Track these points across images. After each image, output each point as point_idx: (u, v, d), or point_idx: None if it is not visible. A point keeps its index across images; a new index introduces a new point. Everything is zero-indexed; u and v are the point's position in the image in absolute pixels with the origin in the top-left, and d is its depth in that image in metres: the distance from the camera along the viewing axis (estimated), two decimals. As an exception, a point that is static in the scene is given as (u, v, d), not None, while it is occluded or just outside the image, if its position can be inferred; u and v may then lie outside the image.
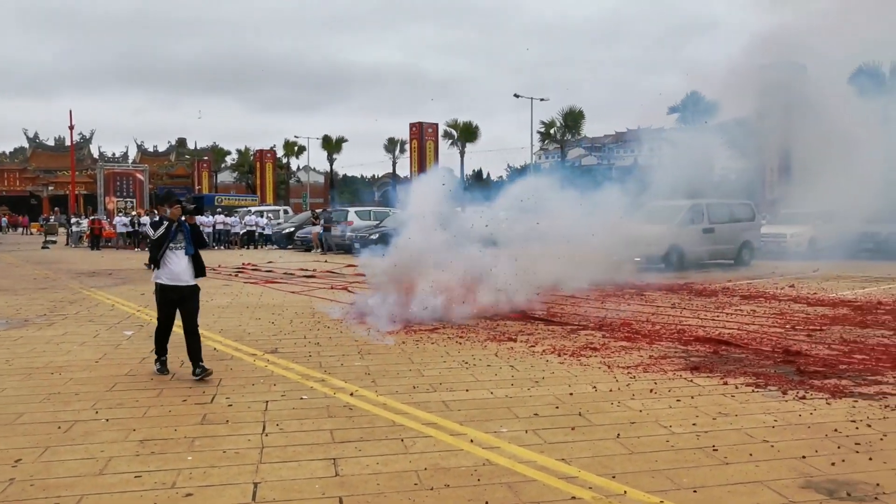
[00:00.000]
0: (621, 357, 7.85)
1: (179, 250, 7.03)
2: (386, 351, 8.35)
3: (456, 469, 4.55)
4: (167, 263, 7.02)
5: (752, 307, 11.69)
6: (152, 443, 5.10)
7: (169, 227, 7.00)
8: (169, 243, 6.99)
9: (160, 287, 7.11)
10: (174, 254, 7.01)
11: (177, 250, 7.02)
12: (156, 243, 7.07)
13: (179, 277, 7.03)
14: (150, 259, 7.21)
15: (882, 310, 11.21)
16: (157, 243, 7.05)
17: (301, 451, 4.93)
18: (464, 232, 11.77)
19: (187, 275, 7.08)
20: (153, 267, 7.20)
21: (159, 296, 7.17)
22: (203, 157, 71.39)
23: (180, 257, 7.03)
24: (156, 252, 7.06)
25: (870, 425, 5.36)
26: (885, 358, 7.62)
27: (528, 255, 12.12)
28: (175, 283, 7.03)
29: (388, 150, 68.52)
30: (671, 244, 18.43)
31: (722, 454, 4.77)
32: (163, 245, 6.99)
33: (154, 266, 7.15)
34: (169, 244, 6.99)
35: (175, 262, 7.02)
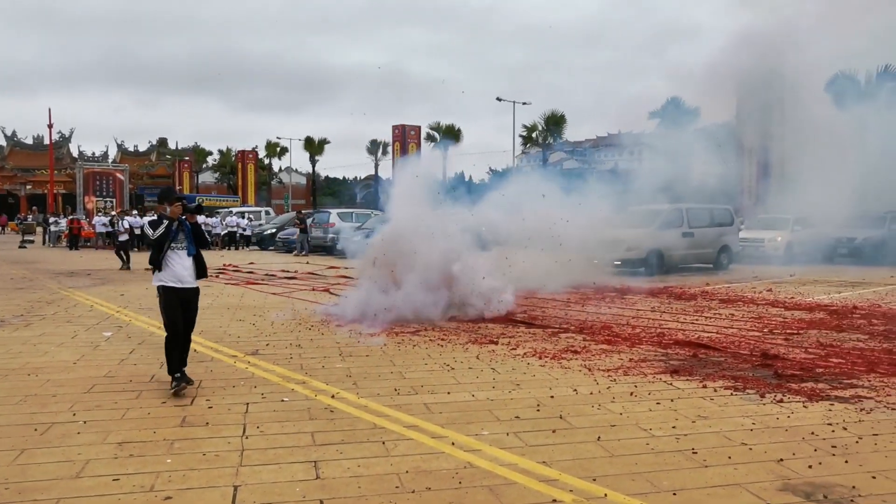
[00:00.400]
0: (602, 360, 7.89)
1: (181, 250, 6.67)
2: (368, 353, 8.34)
3: (437, 472, 4.55)
4: (170, 264, 6.63)
5: (731, 311, 11.79)
6: (131, 445, 5.05)
7: (169, 227, 6.61)
8: (170, 243, 6.62)
9: (165, 289, 6.63)
10: (176, 254, 6.65)
11: (179, 250, 6.66)
12: (156, 244, 6.63)
13: (184, 279, 6.66)
14: (151, 260, 6.73)
15: (857, 314, 11.36)
16: (157, 244, 6.62)
17: (282, 453, 4.91)
18: (446, 231, 11.75)
19: (190, 276, 6.71)
20: (153, 269, 6.75)
21: (165, 299, 6.65)
22: (184, 157, 70.85)
23: (183, 258, 6.67)
24: (157, 253, 6.63)
25: (846, 428, 5.43)
26: (861, 362, 7.72)
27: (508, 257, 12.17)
28: (179, 285, 6.64)
29: (371, 152, 68.38)
30: (651, 248, 18.55)
31: (701, 457, 4.81)
32: (164, 245, 6.60)
33: (155, 268, 6.71)
34: (170, 244, 6.62)
35: (178, 262, 6.64)
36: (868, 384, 6.77)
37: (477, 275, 11.06)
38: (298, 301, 13.18)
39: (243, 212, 38.16)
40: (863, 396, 6.33)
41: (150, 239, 6.73)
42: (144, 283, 16.43)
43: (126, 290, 15.20)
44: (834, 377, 7.05)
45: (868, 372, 7.25)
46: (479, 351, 8.43)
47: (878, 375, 7.11)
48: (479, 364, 7.73)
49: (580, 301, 12.93)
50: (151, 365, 7.69)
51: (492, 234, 13.15)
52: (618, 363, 7.72)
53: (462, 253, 11.26)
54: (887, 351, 8.35)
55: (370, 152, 68.56)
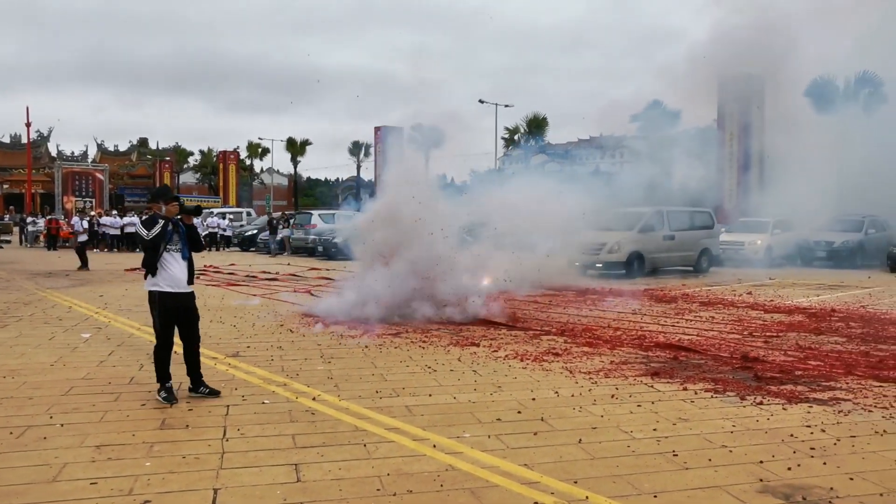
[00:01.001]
0: (583, 362, 7.91)
1: (177, 253, 6.30)
2: (349, 355, 8.31)
3: (419, 474, 4.54)
4: (166, 268, 6.24)
5: (711, 314, 11.88)
6: (109, 448, 5.00)
7: (165, 227, 6.23)
8: (166, 245, 6.25)
9: (161, 295, 6.25)
10: (172, 256, 6.27)
11: (174, 252, 6.29)
12: (152, 245, 6.22)
13: (179, 283, 6.30)
14: (145, 263, 6.33)
15: (835, 317, 11.48)
16: (153, 245, 6.22)
17: (262, 456, 4.88)
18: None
19: (185, 280, 6.35)
20: (146, 273, 6.35)
21: (161, 306, 6.27)
22: (165, 157, 70.32)
23: (178, 261, 6.30)
24: (153, 255, 6.23)
25: (824, 430, 5.48)
26: (839, 364, 7.80)
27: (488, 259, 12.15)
28: (176, 290, 6.29)
29: (353, 153, 68.25)
30: (632, 250, 18.66)
31: (682, 459, 4.83)
32: (159, 247, 6.24)
33: (149, 272, 6.31)
34: (165, 246, 6.25)
35: (174, 265, 6.27)
36: (846, 386, 6.84)
37: (461, 274, 11.05)
38: (280, 303, 13.10)
39: (224, 212, 37.93)
40: (841, 398, 6.39)
41: (144, 240, 6.28)
42: (124, 285, 16.29)
43: (105, 291, 15.05)
44: (812, 379, 7.12)
45: (846, 374, 7.33)
46: (460, 353, 8.43)
47: (855, 378, 7.18)
48: (461, 366, 7.73)
49: (561, 303, 12.96)
50: (131, 367, 7.61)
51: (474, 233, 13.14)
52: (599, 365, 7.75)
53: (451, 248, 11.24)
54: (864, 353, 8.44)
55: (352, 153, 68.47)
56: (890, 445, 5.15)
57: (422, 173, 12.22)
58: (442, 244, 11.13)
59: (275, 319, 11.00)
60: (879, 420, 5.76)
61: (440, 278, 10.93)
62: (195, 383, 6.48)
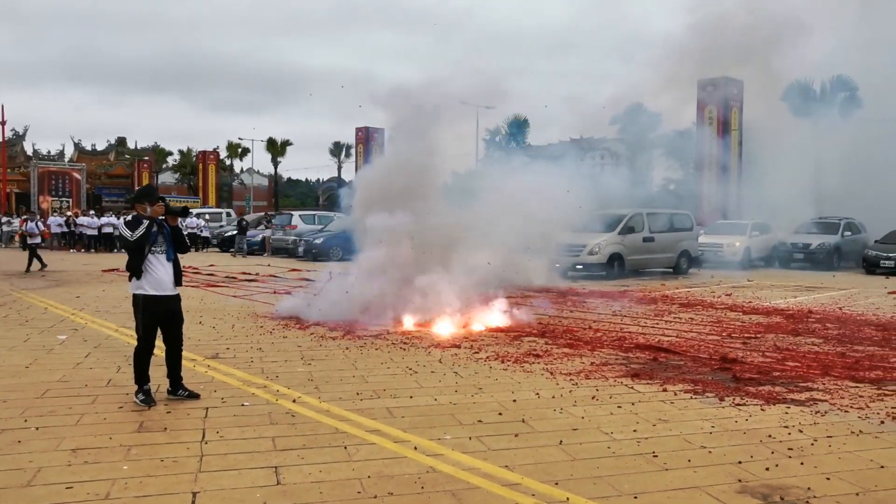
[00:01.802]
0: (564, 364, 7.93)
1: (161, 255, 6.19)
2: (329, 356, 8.27)
3: (400, 476, 4.53)
4: (150, 270, 6.13)
5: (691, 315, 11.97)
6: (85, 452, 4.93)
7: (149, 228, 6.11)
8: (150, 247, 6.13)
9: (145, 299, 6.15)
10: (157, 258, 6.17)
11: (158, 254, 6.18)
12: (136, 247, 6.10)
13: (165, 286, 6.21)
14: (129, 266, 6.19)
15: (812, 318, 11.61)
16: (137, 247, 6.10)
17: (242, 458, 4.84)
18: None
19: (171, 283, 6.28)
20: (130, 275, 6.23)
21: (143, 309, 6.17)
22: (143, 157, 69.68)
23: (163, 263, 6.20)
24: (137, 258, 6.11)
25: (801, 431, 5.53)
26: (816, 365, 7.89)
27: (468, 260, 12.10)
28: (161, 293, 6.20)
29: (334, 154, 68.06)
30: (612, 252, 18.76)
31: (662, 460, 4.86)
32: (144, 249, 6.12)
33: (133, 275, 6.19)
34: (150, 248, 6.13)
35: (159, 268, 6.16)
36: (822, 387, 6.91)
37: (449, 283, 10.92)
38: (260, 304, 13.02)
39: (204, 213, 37.66)
40: (818, 399, 6.46)
41: (128, 241, 6.13)
42: (101, 286, 16.12)
43: (82, 292, 14.88)
44: (790, 380, 7.19)
45: (823, 375, 7.41)
46: (441, 354, 8.42)
47: (832, 378, 7.26)
48: (442, 368, 7.72)
49: (542, 305, 12.98)
50: (108, 369, 7.52)
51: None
52: (579, 367, 7.77)
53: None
54: (840, 354, 8.54)
55: (333, 154, 68.29)
56: (865, 445, 5.21)
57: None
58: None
59: (254, 321, 10.93)
60: (855, 420, 5.82)
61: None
62: (174, 386, 6.41)
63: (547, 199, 13.23)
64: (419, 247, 11.00)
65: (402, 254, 10.94)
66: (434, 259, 11.01)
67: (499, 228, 12.32)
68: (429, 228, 11.03)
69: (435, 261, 11.00)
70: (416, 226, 10.97)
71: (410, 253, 10.97)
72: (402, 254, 10.94)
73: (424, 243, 11.01)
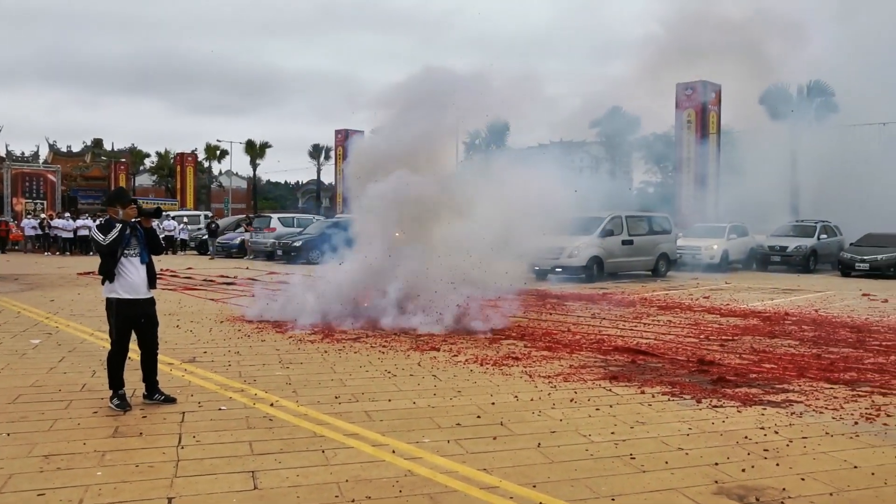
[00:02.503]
0: (542, 366, 7.95)
1: (135, 258, 6.11)
2: (308, 360, 8.23)
3: (378, 480, 4.51)
4: (123, 273, 6.04)
5: (669, 317, 12.04)
6: (58, 458, 4.86)
7: (122, 231, 6.01)
8: (123, 250, 6.04)
9: (119, 302, 6.06)
10: (130, 262, 6.08)
11: (132, 257, 6.10)
12: (108, 251, 6.00)
13: (138, 289, 6.12)
14: (102, 270, 6.09)
15: (789, 320, 11.73)
16: (109, 251, 6.00)
17: (218, 463, 4.79)
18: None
19: (145, 286, 6.19)
20: (103, 279, 6.12)
21: (117, 313, 6.08)
22: (120, 158, 68.97)
23: (137, 266, 6.11)
24: (110, 261, 6.01)
25: (777, 432, 5.58)
26: (792, 367, 7.97)
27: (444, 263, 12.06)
28: (135, 297, 6.10)
29: (313, 156, 67.80)
30: (591, 255, 18.84)
31: (639, 462, 4.88)
32: (117, 252, 6.03)
33: (106, 278, 6.09)
34: (123, 251, 6.05)
35: (132, 271, 6.08)
36: (798, 389, 6.98)
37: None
38: (237, 307, 12.92)
39: (182, 215, 37.36)
40: (793, 401, 6.52)
41: (100, 245, 6.03)
42: (76, 289, 15.93)
43: (57, 295, 14.69)
44: (766, 382, 7.25)
45: (798, 377, 7.48)
46: (420, 358, 8.40)
47: (807, 380, 7.34)
48: (421, 371, 7.70)
49: (521, 307, 12.99)
50: (82, 373, 7.43)
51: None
52: (558, 369, 7.79)
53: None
54: (816, 356, 8.63)
55: (312, 157, 68.03)
56: (840, 446, 5.26)
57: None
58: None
59: (232, 324, 10.85)
60: (830, 421, 5.89)
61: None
62: (150, 390, 6.34)
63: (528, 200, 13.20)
64: (406, 225, 10.88)
65: (383, 245, 10.85)
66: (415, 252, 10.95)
67: (478, 229, 12.26)
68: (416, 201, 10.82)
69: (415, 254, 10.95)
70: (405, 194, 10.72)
71: (393, 242, 10.90)
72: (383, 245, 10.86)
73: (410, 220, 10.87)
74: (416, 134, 11.27)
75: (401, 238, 11.19)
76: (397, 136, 11.48)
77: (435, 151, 11.62)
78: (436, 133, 11.42)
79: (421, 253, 10.91)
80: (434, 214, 11.17)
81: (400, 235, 11.30)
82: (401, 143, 11.31)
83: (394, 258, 10.89)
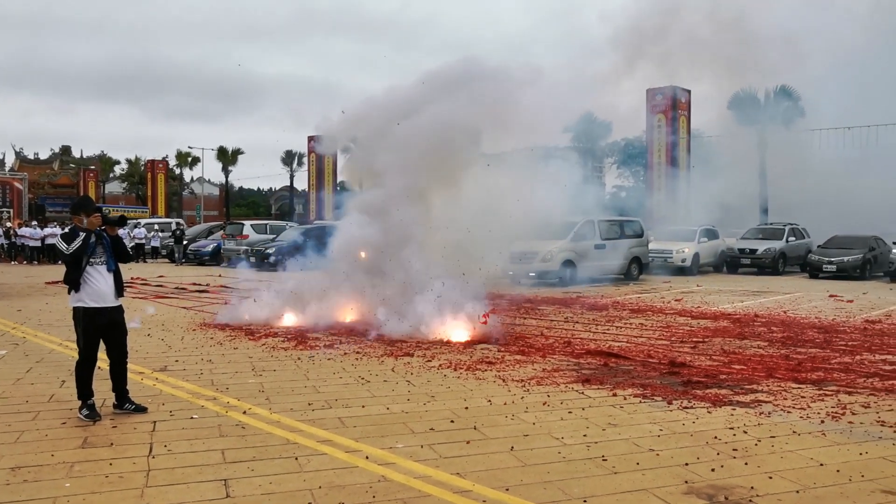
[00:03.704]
0: (516, 370, 7.99)
1: (101, 266, 6.06)
2: (281, 367, 8.19)
3: (351, 486, 4.50)
4: (90, 282, 6.00)
5: (641, 320, 12.15)
6: (25, 470, 4.79)
7: (86, 239, 5.97)
8: (88, 258, 6.00)
9: (85, 311, 6.02)
10: (96, 270, 6.03)
11: (98, 266, 6.05)
12: (73, 259, 5.96)
13: (105, 298, 6.07)
14: (67, 279, 6.06)
15: (758, 322, 11.90)
16: (74, 259, 5.96)
17: (190, 472, 4.76)
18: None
19: (112, 294, 6.13)
20: (69, 289, 6.08)
21: (84, 322, 6.04)
22: (90, 166, 68.07)
23: (103, 274, 6.06)
24: (75, 270, 5.97)
25: (746, 432, 5.66)
26: (761, 367, 8.09)
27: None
28: (102, 305, 6.05)
29: (286, 162, 67.35)
30: (564, 259, 18.95)
31: (611, 464, 4.92)
32: (81, 261, 5.98)
33: (72, 288, 6.05)
34: (88, 259, 6.00)
35: (99, 279, 6.03)
36: (767, 389, 7.09)
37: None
38: (210, 315, 12.82)
39: (153, 223, 36.96)
40: (762, 401, 6.62)
41: (64, 254, 6.00)
42: (44, 298, 15.69)
43: (24, 305, 14.46)
44: (736, 383, 7.36)
45: (767, 377, 7.60)
46: (394, 363, 8.40)
47: (776, 380, 7.46)
48: (395, 376, 7.70)
49: (495, 312, 13.02)
50: (51, 384, 7.32)
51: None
52: (531, 373, 7.83)
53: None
54: (784, 357, 8.77)
55: (285, 163, 67.54)
56: (806, 445, 5.36)
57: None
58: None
59: (204, 333, 10.76)
60: (797, 420, 5.99)
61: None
62: (121, 399, 6.27)
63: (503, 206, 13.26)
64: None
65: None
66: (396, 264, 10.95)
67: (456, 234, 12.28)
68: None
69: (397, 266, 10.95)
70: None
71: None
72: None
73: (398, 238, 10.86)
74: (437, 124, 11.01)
75: (365, 258, 11.21)
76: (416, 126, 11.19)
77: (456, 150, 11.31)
78: (457, 125, 11.12)
79: (398, 262, 10.93)
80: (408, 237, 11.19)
81: (365, 256, 11.33)
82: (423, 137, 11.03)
83: (370, 266, 10.91)
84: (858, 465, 4.91)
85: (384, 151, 11.38)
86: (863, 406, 6.46)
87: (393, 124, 11.26)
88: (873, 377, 7.65)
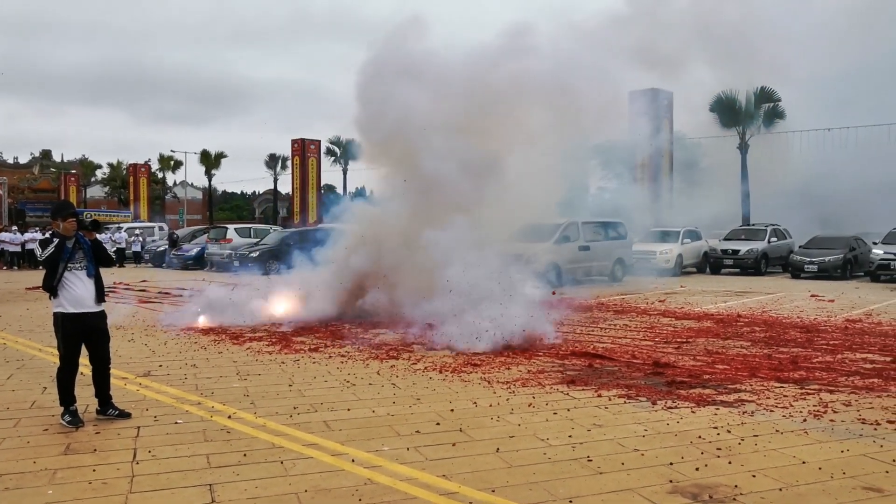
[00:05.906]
0: (501, 372, 8.00)
1: (80, 271, 6.01)
2: (266, 371, 8.16)
3: (337, 489, 4.50)
4: (69, 287, 5.96)
5: (625, 321, 12.21)
6: (7, 478, 4.74)
7: (61, 245, 5.92)
8: (67, 264, 5.96)
9: (64, 317, 5.98)
10: (75, 275, 5.99)
11: (77, 271, 6.00)
12: (48, 265, 5.94)
13: (85, 303, 6.02)
14: (45, 285, 6.01)
15: (741, 322, 11.99)
16: (50, 265, 5.94)
17: (175, 477, 4.73)
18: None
19: (92, 299, 6.08)
20: (50, 295, 6.05)
21: (64, 328, 6.00)
22: (70, 170, 67.50)
23: (83, 279, 6.02)
24: (52, 276, 5.94)
25: (729, 431, 5.71)
26: (744, 367, 8.15)
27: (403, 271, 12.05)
28: (82, 311, 6.01)
29: (270, 166, 67.07)
30: (549, 261, 18.98)
31: (596, 464, 4.95)
32: (58, 267, 5.95)
33: (50, 294, 6.02)
34: (67, 265, 5.96)
35: (78, 285, 5.99)
36: (750, 388, 7.15)
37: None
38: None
39: (135, 227, 36.70)
40: (745, 400, 6.68)
41: (39, 260, 5.98)
42: (25, 304, 15.54)
43: (4, 310, 14.31)
44: (720, 383, 7.41)
45: (750, 377, 7.66)
46: (379, 366, 8.39)
47: (758, 380, 7.52)
48: (380, 379, 7.70)
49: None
50: (32, 390, 7.25)
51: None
52: (516, 375, 7.85)
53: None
54: (767, 356, 8.85)
55: (269, 167, 67.26)
56: (789, 443, 5.41)
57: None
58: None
59: (188, 337, 10.69)
60: (780, 419, 6.04)
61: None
62: (104, 405, 6.22)
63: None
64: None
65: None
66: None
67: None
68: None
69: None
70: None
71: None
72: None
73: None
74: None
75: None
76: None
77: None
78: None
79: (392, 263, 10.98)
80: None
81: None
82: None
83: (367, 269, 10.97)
84: (840, 462, 4.97)
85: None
86: (844, 404, 6.53)
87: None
88: (854, 376, 7.73)
